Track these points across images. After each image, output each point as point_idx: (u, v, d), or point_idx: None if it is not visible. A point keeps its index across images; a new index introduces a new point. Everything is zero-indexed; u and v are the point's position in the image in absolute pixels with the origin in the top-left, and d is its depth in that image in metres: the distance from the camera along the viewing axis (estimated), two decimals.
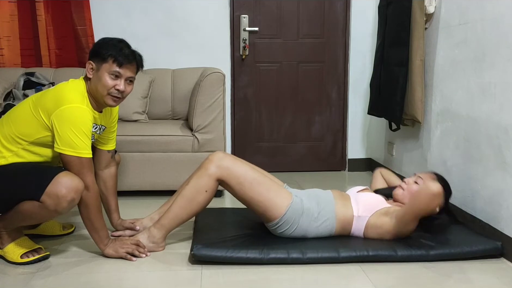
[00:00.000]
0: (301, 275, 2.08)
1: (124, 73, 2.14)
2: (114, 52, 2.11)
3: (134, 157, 3.16)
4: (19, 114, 2.15)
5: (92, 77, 2.14)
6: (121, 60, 2.11)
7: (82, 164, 2.07)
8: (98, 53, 2.13)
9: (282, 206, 2.24)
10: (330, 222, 2.30)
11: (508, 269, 2.16)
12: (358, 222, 2.30)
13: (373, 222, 2.29)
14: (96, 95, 2.15)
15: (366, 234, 2.31)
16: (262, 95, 4.06)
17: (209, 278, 2.05)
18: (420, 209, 2.19)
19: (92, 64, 2.14)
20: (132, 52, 2.17)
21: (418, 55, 2.98)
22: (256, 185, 2.24)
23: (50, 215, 2.08)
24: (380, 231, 2.28)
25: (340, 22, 4.05)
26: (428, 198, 2.18)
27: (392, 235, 2.28)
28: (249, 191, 2.23)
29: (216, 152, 2.34)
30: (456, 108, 2.72)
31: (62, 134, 2.03)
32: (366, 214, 2.30)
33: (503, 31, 2.30)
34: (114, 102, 2.17)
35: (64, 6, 3.71)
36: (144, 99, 3.55)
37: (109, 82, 2.12)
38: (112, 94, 2.14)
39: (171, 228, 2.29)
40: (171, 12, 3.89)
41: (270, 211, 2.24)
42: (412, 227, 2.26)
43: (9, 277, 2.07)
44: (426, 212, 2.22)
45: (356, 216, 2.30)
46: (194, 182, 2.26)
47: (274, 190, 2.27)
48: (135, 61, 2.18)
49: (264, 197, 2.23)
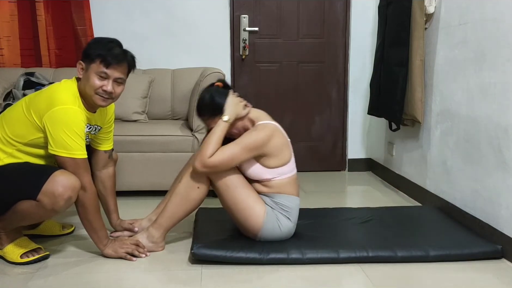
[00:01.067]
0: (301, 275, 2.08)
1: (112, 73, 2.10)
2: (102, 52, 2.08)
3: (134, 157, 3.16)
4: (13, 115, 2.14)
5: (82, 77, 2.13)
6: (109, 61, 2.08)
7: (77, 165, 2.06)
8: (88, 53, 2.11)
9: (259, 216, 2.22)
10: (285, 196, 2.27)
11: (508, 269, 2.16)
12: (273, 173, 2.26)
13: (264, 163, 2.25)
14: (85, 94, 2.13)
15: (271, 165, 2.24)
16: (262, 95, 4.05)
17: (209, 278, 2.05)
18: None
19: (82, 64, 2.12)
20: (123, 52, 2.14)
21: (418, 55, 2.98)
22: (240, 191, 2.22)
23: (47, 214, 2.08)
24: (254, 159, 2.24)
25: (340, 22, 4.05)
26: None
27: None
28: (233, 194, 2.21)
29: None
30: (456, 108, 2.72)
31: (55, 135, 2.02)
32: (263, 170, 2.26)
33: (503, 31, 2.30)
34: (103, 102, 2.14)
35: (64, 6, 3.71)
36: (144, 99, 3.55)
37: (96, 83, 2.09)
38: (99, 94, 2.11)
39: (168, 226, 2.29)
40: (171, 12, 3.89)
41: (250, 220, 2.23)
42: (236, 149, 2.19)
43: (9, 277, 2.07)
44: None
45: (272, 178, 2.27)
46: (186, 179, 2.26)
47: (253, 199, 2.24)
48: (126, 61, 2.14)
49: (245, 204, 2.22)
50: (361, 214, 2.71)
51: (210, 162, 2.15)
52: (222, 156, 2.17)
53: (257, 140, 2.21)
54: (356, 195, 3.64)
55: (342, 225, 2.57)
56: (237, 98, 2.30)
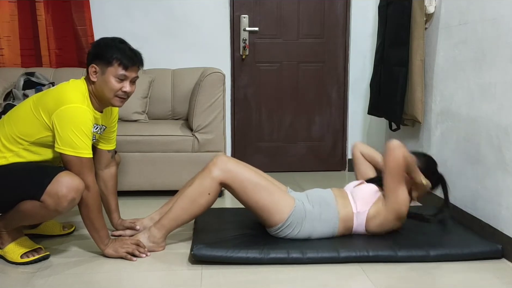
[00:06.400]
0: (301, 275, 2.08)
1: (130, 75, 2.15)
2: (119, 55, 2.11)
3: (134, 157, 3.16)
4: (20, 114, 2.15)
5: (96, 80, 2.14)
6: (126, 63, 2.12)
7: (83, 164, 2.07)
8: (102, 56, 2.13)
9: (284, 211, 2.24)
10: (333, 222, 2.30)
11: (508, 269, 2.16)
12: (359, 218, 2.31)
13: (371, 214, 2.30)
14: (102, 97, 2.16)
15: (368, 228, 2.31)
16: (262, 95, 4.06)
17: (209, 278, 2.05)
18: (391, 167, 2.22)
19: (95, 67, 2.13)
20: (134, 52, 2.18)
21: (418, 55, 2.98)
22: (260, 190, 2.24)
23: (50, 214, 2.08)
24: (380, 220, 2.29)
25: (340, 22, 4.05)
26: (389, 153, 2.23)
27: (391, 219, 2.28)
28: (252, 195, 2.23)
29: (220, 155, 2.34)
30: (456, 108, 2.72)
31: (63, 134, 2.03)
32: (365, 209, 2.30)
33: (503, 31, 2.30)
34: (121, 103, 2.20)
35: (64, 6, 3.71)
36: (144, 99, 3.55)
37: (116, 86, 2.13)
38: (119, 96, 2.16)
39: (171, 228, 2.29)
40: (171, 12, 3.89)
41: (273, 216, 2.25)
42: (402, 197, 2.24)
43: (9, 277, 2.07)
44: (399, 168, 2.22)
45: (355, 213, 2.31)
46: (197, 184, 2.25)
47: (277, 195, 2.27)
48: (138, 61, 2.20)
49: (267, 201, 2.24)
50: None
51: (402, 158, 2.21)
52: (400, 170, 2.23)
53: (405, 206, 2.29)
54: None
55: None
56: (428, 188, 2.39)
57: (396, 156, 2.22)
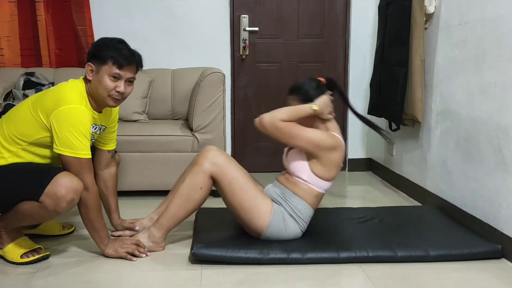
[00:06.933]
0: (301, 275, 2.08)
1: (124, 74, 2.14)
2: (114, 53, 2.10)
3: (134, 157, 3.16)
4: (19, 114, 2.15)
5: (92, 79, 2.14)
6: (121, 62, 2.11)
7: (81, 164, 2.07)
8: (98, 55, 2.12)
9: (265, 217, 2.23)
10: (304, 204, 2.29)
11: (508, 269, 2.16)
12: (312, 182, 2.29)
13: (314, 168, 2.28)
14: (97, 96, 2.15)
15: (322, 176, 2.28)
16: (262, 95, 4.05)
17: (209, 278, 2.05)
18: (278, 136, 2.29)
19: (91, 66, 2.13)
20: (132, 52, 2.17)
21: (418, 55, 2.98)
22: (246, 191, 2.24)
23: (49, 215, 2.08)
24: (319, 165, 2.27)
25: (340, 22, 4.05)
26: (267, 131, 2.30)
27: (322, 155, 2.26)
28: (239, 195, 2.23)
29: (209, 148, 2.33)
30: (456, 108, 2.72)
31: (61, 134, 2.03)
32: (307, 172, 2.29)
33: (503, 31, 2.30)
34: (114, 103, 2.18)
35: (64, 6, 3.71)
36: (144, 99, 3.55)
37: (109, 84, 2.11)
38: (112, 96, 2.14)
39: (170, 227, 2.29)
40: (171, 12, 3.89)
41: (255, 219, 2.24)
42: (311, 135, 2.26)
43: (9, 277, 2.07)
44: (284, 131, 2.25)
45: (307, 182, 2.29)
46: (189, 180, 2.26)
47: (259, 200, 2.26)
48: (135, 61, 2.18)
49: (251, 204, 2.24)
50: (361, 214, 2.71)
51: (279, 124, 2.23)
52: (290, 128, 2.24)
53: (323, 141, 2.26)
54: (356, 195, 3.64)
55: (342, 225, 2.57)
56: (329, 101, 2.36)
57: (269, 128, 2.25)
